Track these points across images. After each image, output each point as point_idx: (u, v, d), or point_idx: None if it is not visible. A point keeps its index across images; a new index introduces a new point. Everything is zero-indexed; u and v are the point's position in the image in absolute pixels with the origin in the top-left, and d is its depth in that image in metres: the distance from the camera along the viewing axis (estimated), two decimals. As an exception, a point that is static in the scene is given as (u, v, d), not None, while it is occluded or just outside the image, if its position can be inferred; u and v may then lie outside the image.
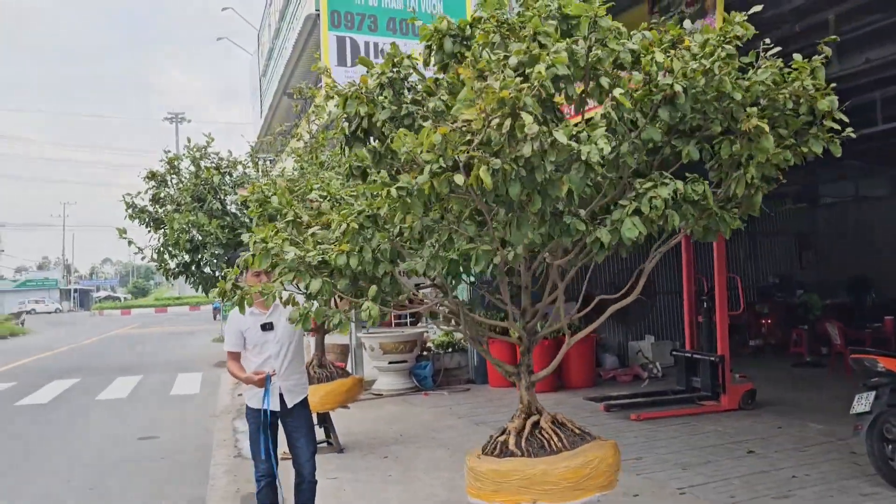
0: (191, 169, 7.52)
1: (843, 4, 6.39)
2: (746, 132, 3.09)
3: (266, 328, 4.68)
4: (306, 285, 3.32)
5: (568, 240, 3.19)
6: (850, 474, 5.75)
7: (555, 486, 3.45)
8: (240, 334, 4.70)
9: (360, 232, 3.29)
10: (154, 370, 16.38)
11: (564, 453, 3.56)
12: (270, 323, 4.68)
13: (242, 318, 4.68)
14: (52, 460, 7.92)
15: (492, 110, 2.77)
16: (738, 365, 10.49)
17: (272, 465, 4.70)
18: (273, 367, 4.66)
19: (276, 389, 4.68)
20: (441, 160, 2.82)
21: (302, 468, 4.71)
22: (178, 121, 61.57)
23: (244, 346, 4.72)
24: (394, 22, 12.24)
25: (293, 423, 4.76)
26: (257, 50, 24.11)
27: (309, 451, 4.76)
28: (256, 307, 4.69)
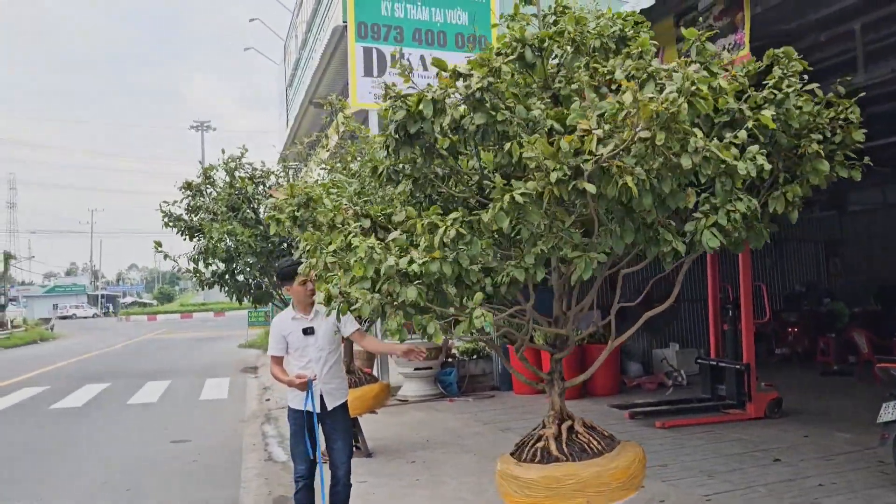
0: (226, 179, 7.72)
1: (870, 14, 6.42)
2: (802, 154, 3.34)
3: (307, 332, 4.82)
4: (396, 294, 3.23)
5: (656, 249, 3.32)
6: (876, 483, 5.76)
7: (606, 486, 3.60)
8: (282, 339, 4.85)
9: (461, 238, 3.25)
10: (182, 375, 16.65)
11: (607, 455, 3.69)
12: (312, 328, 4.83)
13: (285, 322, 4.87)
14: (88, 462, 8.13)
15: (639, 122, 2.90)
16: (765, 373, 10.47)
17: (311, 466, 4.82)
18: (314, 370, 4.80)
19: (318, 392, 4.82)
20: (565, 167, 2.92)
21: (338, 470, 4.84)
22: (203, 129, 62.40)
23: (286, 351, 4.86)
24: (419, 33, 12.41)
25: (332, 426, 4.89)
26: (284, 60, 24.45)
27: (346, 454, 4.89)
28: (299, 312, 4.86)
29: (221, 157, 7.73)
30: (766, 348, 13.47)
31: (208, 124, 62.42)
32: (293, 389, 4.80)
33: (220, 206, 7.31)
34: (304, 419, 4.77)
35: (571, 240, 3.25)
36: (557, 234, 3.22)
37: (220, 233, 7.00)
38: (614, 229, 3.24)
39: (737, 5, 5.16)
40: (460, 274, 3.31)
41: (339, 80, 15.41)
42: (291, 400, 4.89)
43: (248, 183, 7.44)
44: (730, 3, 5.24)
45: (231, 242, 7.16)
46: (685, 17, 5.57)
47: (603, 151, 2.88)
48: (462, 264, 3.27)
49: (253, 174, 7.65)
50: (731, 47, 5.22)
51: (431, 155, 3.71)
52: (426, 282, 3.21)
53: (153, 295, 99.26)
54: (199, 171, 7.95)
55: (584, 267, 3.17)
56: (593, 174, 2.91)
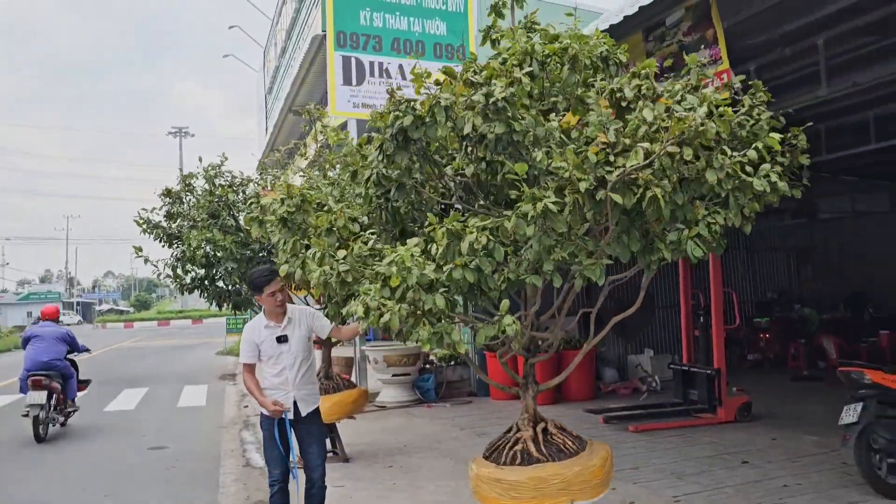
0: (205, 187, 7.78)
1: (832, 29, 6.64)
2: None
3: (281, 340, 4.89)
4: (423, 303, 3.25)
5: (649, 257, 3.49)
6: (840, 483, 5.95)
7: (587, 484, 3.74)
8: (255, 346, 4.91)
9: (486, 246, 3.29)
10: (160, 382, 16.57)
11: (583, 454, 3.83)
12: (285, 335, 4.89)
13: (258, 330, 4.93)
14: (66, 469, 8.12)
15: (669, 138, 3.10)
16: (737, 379, 10.69)
17: (285, 471, 4.91)
18: (288, 377, 4.88)
19: (291, 398, 4.89)
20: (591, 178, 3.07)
21: (312, 473, 4.93)
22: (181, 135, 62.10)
23: (259, 358, 4.93)
24: (398, 42, 12.55)
25: (305, 430, 4.97)
26: (263, 67, 24.47)
27: (320, 458, 4.99)
28: (271, 320, 4.93)
29: (200, 164, 7.81)
30: (738, 354, 13.72)
31: (186, 130, 62.15)
32: (268, 396, 4.87)
33: (201, 213, 7.37)
34: (277, 425, 4.85)
35: (586, 247, 3.39)
36: (574, 241, 3.35)
37: (199, 240, 7.06)
38: (622, 238, 3.41)
39: (706, 21, 5.35)
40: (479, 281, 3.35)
41: (318, 88, 15.50)
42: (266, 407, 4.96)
43: (229, 190, 7.52)
44: (698, 20, 5.42)
45: (210, 249, 7.22)
46: (654, 32, 5.76)
47: (627, 164, 3.06)
48: (484, 271, 3.31)
49: (233, 182, 7.73)
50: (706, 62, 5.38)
51: (425, 161, 3.81)
52: (452, 289, 3.26)
53: (130, 302, 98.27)
54: (178, 177, 8.01)
55: (599, 273, 3.34)
56: (616, 185, 3.08)
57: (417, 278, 3.22)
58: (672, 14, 5.62)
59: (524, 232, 3.17)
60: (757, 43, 7.07)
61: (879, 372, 5.63)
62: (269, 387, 4.92)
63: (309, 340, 5.05)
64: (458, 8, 13.12)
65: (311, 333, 5.04)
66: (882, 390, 5.57)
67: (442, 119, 3.41)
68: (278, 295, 4.83)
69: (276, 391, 4.89)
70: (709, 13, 5.29)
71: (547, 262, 3.33)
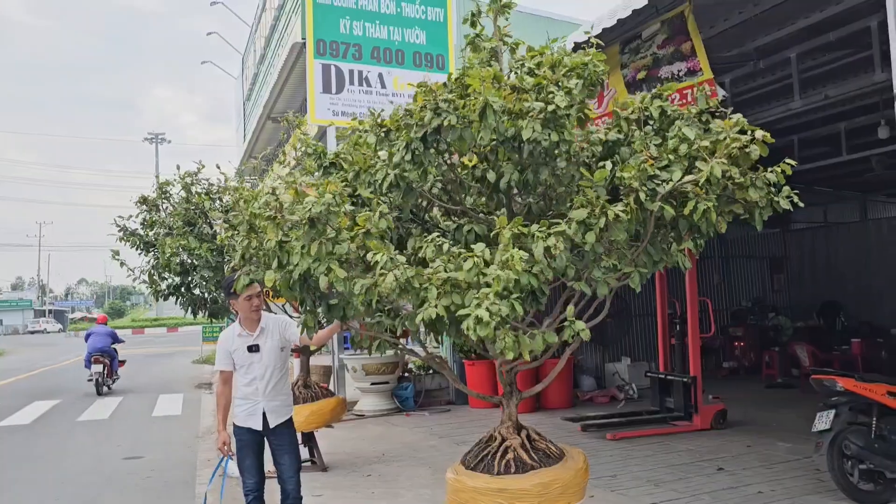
0: (182, 194, 7.74)
1: (804, 44, 6.79)
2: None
3: (252, 350, 4.84)
4: (499, 309, 3.12)
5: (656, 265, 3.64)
6: (813, 489, 6.04)
7: (579, 486, 3.82)
8: (228, 355, 4.88)
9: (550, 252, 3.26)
10: (135, 392, 16.36)
11: (567, 458, 3.87)
12: (257, 345, 4.86)
13: (231, 339, 4.89)
14: (40, 478, 8.00)
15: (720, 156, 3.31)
16: (713, 386, 10.81)
17: (260, 480, 4.89)
18: (258, 387, 4.84)
19: (261, 409, 4.85)
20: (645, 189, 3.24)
21: (286, 484, 4.89)
22: (157, 141, 61.60)
23: (234, 367, 4.91)
24: (378, 51, 12.56)
25: (276, 442, 4.93)
26: (242, 74, 24.38)
27: (293, 469, 4.92)
28: (245, 328, 4.89)
29: (177, 172, 7.77)
30: (714, 362, 13.89)
31: (163, 137, 61.67)
32: (239, 405, 4.87)
33: (177, 221, 7.33)
34: (249, 435, 4.84)
35: (627, 255, 3.51)
36: (620, 249, 3.45)
37: (174, 247, 7.02)
38: (651, 247, 3.56)
39: (682, 34, 5.44)
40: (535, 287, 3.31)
41: (297, 95, 15.46)
42: (235, 417, 4.94)
43: (205, 198, 7.48)
44: (673, 33, 5.51)
45: (186, 257, 7.18)
46: (630, 44, 5.84)
47: (679, 178, 3.27)
48: (545, 276, 3.27)
49: (209, 189, 7.70)
50: (681, 74, 5.49)
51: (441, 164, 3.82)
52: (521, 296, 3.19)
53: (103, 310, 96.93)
54: (153, 185, 7.96)
55: (637, 280, 3.46)
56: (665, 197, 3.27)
57: (506, 283, 3.11)
58: (648, 27, 5.70)
59: (586, 240, 3.22)
60: (732, 56, 7.22)
61: (851, 380, 5.73)
62: (241, 396, 4.90)
63: (283, 350, 4.98)
64: (437, 17, 13.17)
65: (284, 343, 4.98)
66: (853, 398, 5.67)
67: (492, 122, 3.37)
68: (255, 300, 4.79)
69: (246, 401, 4.87)
70: (684, 27, 5.39)
71: (596, 269, 3.42)
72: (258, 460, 4.92)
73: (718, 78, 7.72)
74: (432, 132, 3.50)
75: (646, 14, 5.43)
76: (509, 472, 3.82)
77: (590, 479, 6.58)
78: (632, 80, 5.86)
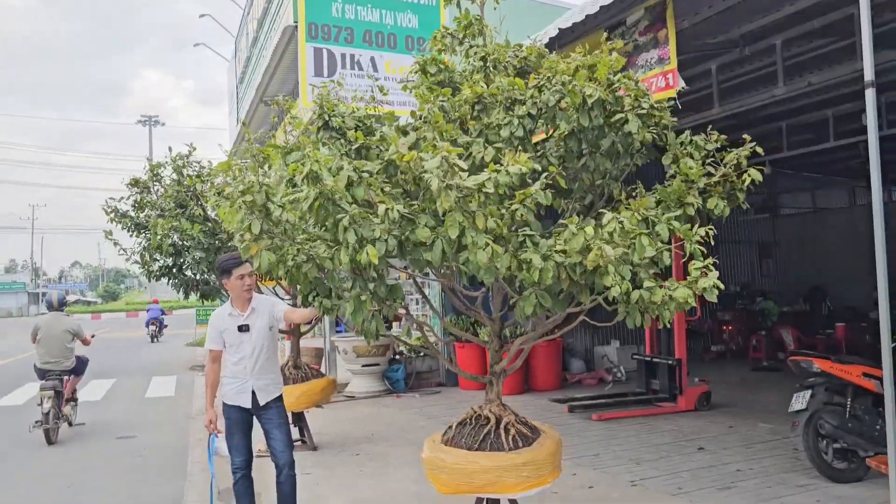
0: (173, 177, 7.80)
1: (788, 31, 6.86)
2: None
3: (242, 329, 4.93)
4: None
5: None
6: (790, 468, 6.20)
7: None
8: (219, 334, 4.98)
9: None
10: (128, 374, 16.48)
11: (548, 431, 4.04)
12: (247, 325, 4.94)
13: (222, 318, 4.99)
14: (30, 459, 8.11)
15: None
16: (701, 370, 10.98)
17: (248, 458, 5.00)
18: (246, 366, 4.93)
19: (249, 387, 4.94)
20: None
21: (279, 458, 4.96)
22: (151, 124, 61.24)
23: (224, 346, 5.01)
24: (370, 34, 12.59)
25: (266, 417, 5.01)
26: (234, 56, 24.30)
27: (283, 442, 4.99)
28: (235, 308, 4.99)
29: (169, 154, 7.82)
30: (702, 346, 14.06)
31: (157, 119, 61.31)
32: (228, 384, 4.97)
33: (168, 203, 7.40)
34: (238, 413, 4.94)
35: None
36: None
37: (166, 228, 7.10)
38: None
39: (660, 22, 5.51)
40: None
41: (289, 78, 15.48)
42: (224, 395, 5.03)
43: (196, 180, 7.55)
44: (653, 20, 5.58)
45: (178, 238, 7.26)
46: (615, 31, 5.91)
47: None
48: None
49: (200, 172, 7.76)
50: (653, 62, 5.57)
51: None
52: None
53: (97, 293, 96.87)
54: (145, 167, 8.02)
55: None
56: None
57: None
58: (633, 13, 5.77)
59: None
60: (717, 42, 7.28)
61: (827, 361, 5.87)
62: (229, 374, 4.99)
63: (271, 330, 5.06)
64: (430, 2, 13.19)
65: (273, 322, 5.06)
66: (829, 378, 5.82)
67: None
68: (247, 279, 4.87)
69: (235, 379, 4.96)
70: (664, 14, 5.46)
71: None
72: (246, 439, 5.01)
73: (705, 64, 7.81)
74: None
75: (629, 0, 5.49)
76: (518, 447, 3.95)
77: (573, 457, 6.80)
78: (613, 65, 5.93)
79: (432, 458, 3.97)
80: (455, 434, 4.14)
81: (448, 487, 3.91)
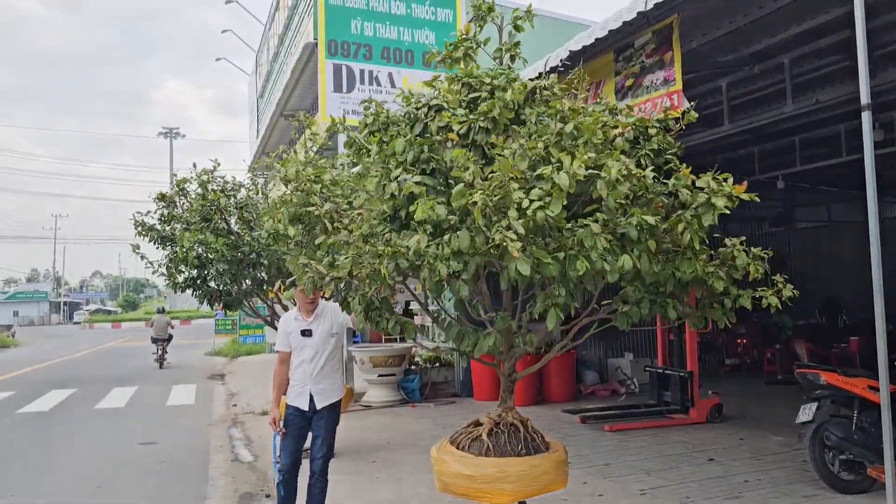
0: (198, 191, 8.07)
1: (797, 50, 7.01)
2: None
3: (305, 334, 5.16)
4: None
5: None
6: (797, 479, 6.30)
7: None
8: (286, 336, 5.21)
9: None
10: (149, 382, 16.79)
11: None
12: (309, 330, 5.17)
13: (289, 322, 5.25)
14: (58, 462, 8.37)
15: None
16: (715, 383, 11.08)
17: (294, 462, 5.11)
18: (306, 370, 5.13)
19: (308, 391, 5.12)
20: None
21: (313, 464, 5.12)
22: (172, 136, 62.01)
23: (290, 348, 5.22)
24: (388, 51, 12.88)
25: (316, 423, 5.17)
26: (255, 71, 24.73)
27: (320, 451, 5.13)
28: (301, 314, 5.22)
29: (193, 170, 8.10)
30: (716, 359, 14.13)
31: (177, 131, 62.09)
32: (292, 386, 5.16)
33: (193, 217, 7.67)
34: (296, 415, 5.11)
35: None
36: None
37: (192, 241, 7.36)
38: None
39: (666, 44, 5.68)
40: None
41: (309, 93, 15.79)
42: (288, 396, 5.20)
43: (220, 195, 7.82)
44: (659, 43, 5.76)
45: (203, 251, 7.52)
46: (623, 53, 6.09)
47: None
48: None
49: (224, 187, 8.03)
50: (658, 83, 5.75)
51: None
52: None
53: (117, 303, 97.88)
54: (171, 181, 8.31)
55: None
56: None
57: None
58: (641, 37, 5.95)
59: None
60: (728, 61, 7.45)
61: (833, 374, 5.99)
62: (292, 377, 5.19)
63: (333, 336, 5.24)
64: (447, 18, 13.46)
65: (337, 329, 5.26)
66: (835, 391, 5.93)
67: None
68: (310, 293, 5.09)
69: (297, 382, 5.16)
70: (670, 37, 5.64)
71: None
72: (297, 442, 5.15)
73: (716, 82, 7.97)
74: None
75: (637, 24, 5.67)
76: (537, 452, 4.13)
77: (585, 466, 6.95)
78: (620, 87, 6.13)
79: (537, 465, 4.16)
80: (512, 444, 4.30)
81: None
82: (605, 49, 6.13)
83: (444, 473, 4.14)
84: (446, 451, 4.20)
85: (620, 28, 5.54)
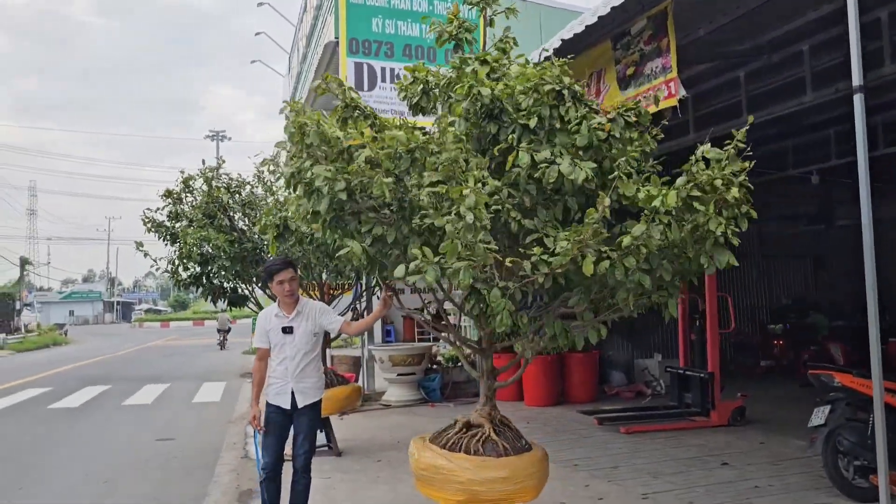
0: (203, 188, 8.11)
1: (816, 37, 6.69)
2: None
3: (286, 331, 5.07)
4: None
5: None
6: (811, 486, 6.00)
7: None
8: (265, 333, 5.13)
9: None
10: (182, 379, 17.06)
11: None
12: (291, 327, 5.07)
13: (269, 318, 5.16)
14: (73, 457, 8.51)
15: None
16: (748, 384, 10.74)
17: (277, 460, 5.04)
18: (287, 367, 5.05)
19: (289, 389, 5.05)
20: None
21: (295, 461, 5.06)
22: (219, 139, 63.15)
23: (269, 345, 5.15)
24: (409, 48, 12.77)
25: (297, 420, 5.11)
26: (288, 73, 24.97)
27: (302, 448, 5.07)
28: (282, 310, 5.15)
29: (201, 166, 8.15)
30: (751, 360, 13.68)
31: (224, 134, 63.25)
32: (272, 383, 5.10)
33: (197, 214, 7.70)
34: (277, 413, 5.04)
35: None
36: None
37: (195, 238, 7.38)
38: None
39: (662, 31, 5.45)
40: None
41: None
42: (268, 394, 5.15)
43: (224, 192, 7.84)
44: (656, 30, 5.53)
45: (206, 247, 7.54)
46: (620, 40, 5.88)
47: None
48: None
49: (229, 184, 8.05)
50: (657, 70, 5.53)
51: None
52: None
53: (168, 302, 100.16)
54: (177, 179, 8.35)
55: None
56: None
57: None
58: (636, 23, 5.73)
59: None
60: (744, 49, 7.15)
61: (848, 375, 5.68)
62: (274, 374, 5.13)
63: (315, 336, 5.16)
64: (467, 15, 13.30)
65: (318, 329, 5.16)
66: (850, 393, 5.62)
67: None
68: (286, 285, 5.02)
69: (278, 380, 5.09)
70: (665, 23, 5.41)
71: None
72: (279, 441, 5.08)
73: (733, 73, 7.67)
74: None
75: (631, 11, 5.46)
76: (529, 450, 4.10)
77: (591, 469, 6.75)
78: (622, 76, 5.91)
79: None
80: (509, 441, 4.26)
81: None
82: (602, 37, 5.92)
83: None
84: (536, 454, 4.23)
85: (613, 15, 5.34)
